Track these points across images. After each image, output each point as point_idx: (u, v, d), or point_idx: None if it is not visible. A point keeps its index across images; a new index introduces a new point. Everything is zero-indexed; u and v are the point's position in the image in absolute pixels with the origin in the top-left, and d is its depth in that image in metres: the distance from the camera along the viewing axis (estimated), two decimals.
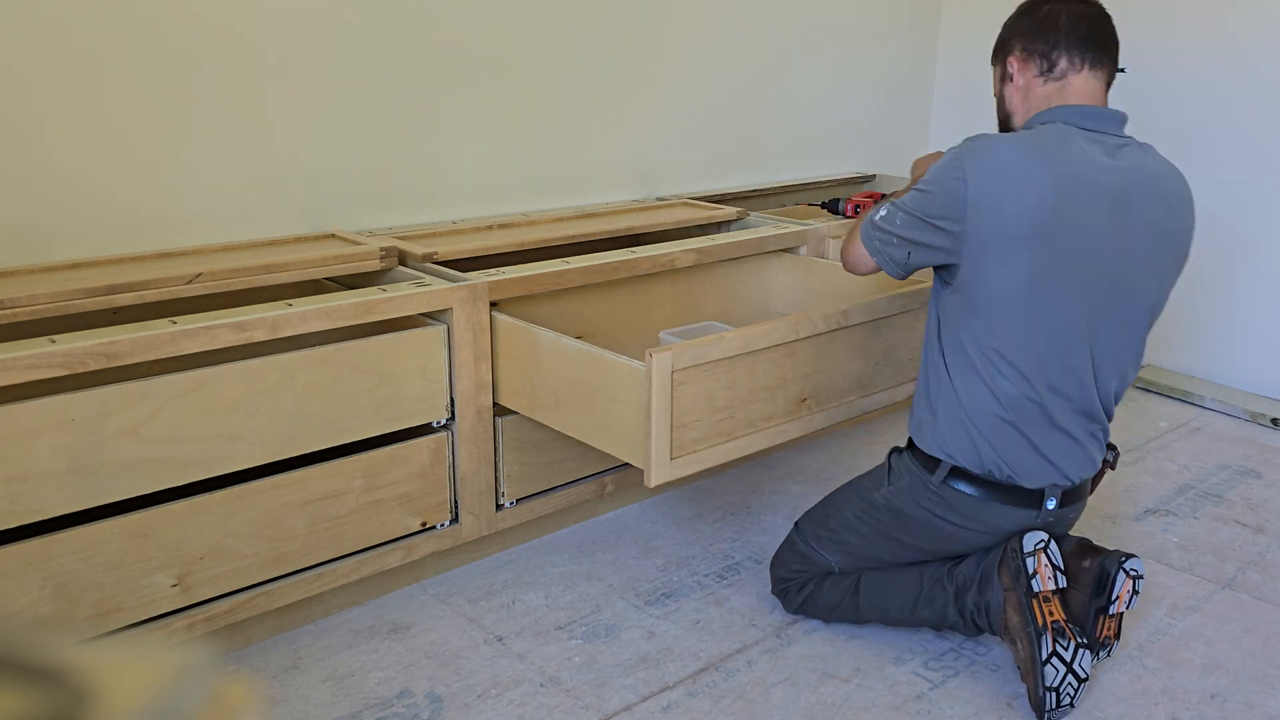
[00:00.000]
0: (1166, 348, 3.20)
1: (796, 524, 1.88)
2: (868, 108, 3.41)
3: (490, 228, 2.34)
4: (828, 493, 1.90)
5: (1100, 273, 1.56)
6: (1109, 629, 1.66)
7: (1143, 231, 1.58)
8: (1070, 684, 1.56)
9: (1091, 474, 1.71)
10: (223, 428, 1.59)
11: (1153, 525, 2.25)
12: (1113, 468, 1.79)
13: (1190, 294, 3.13)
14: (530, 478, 2.03)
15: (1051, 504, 1.65)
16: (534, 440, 2.01)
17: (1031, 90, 1.67)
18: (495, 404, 1.93)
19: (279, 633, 1.80)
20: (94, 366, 1.46)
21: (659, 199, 2.79)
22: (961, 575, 1.70)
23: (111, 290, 1.69)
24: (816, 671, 1.72)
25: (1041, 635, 1.56)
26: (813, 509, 1.88)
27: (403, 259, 2.04)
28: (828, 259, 2.46)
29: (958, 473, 1.66)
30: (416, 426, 1.84)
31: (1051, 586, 1.60)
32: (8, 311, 1.59)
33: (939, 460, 1.67)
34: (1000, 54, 1.72)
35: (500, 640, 1.80)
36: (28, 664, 0.36)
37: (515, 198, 2.54)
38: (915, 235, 1.60)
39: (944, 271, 1.64)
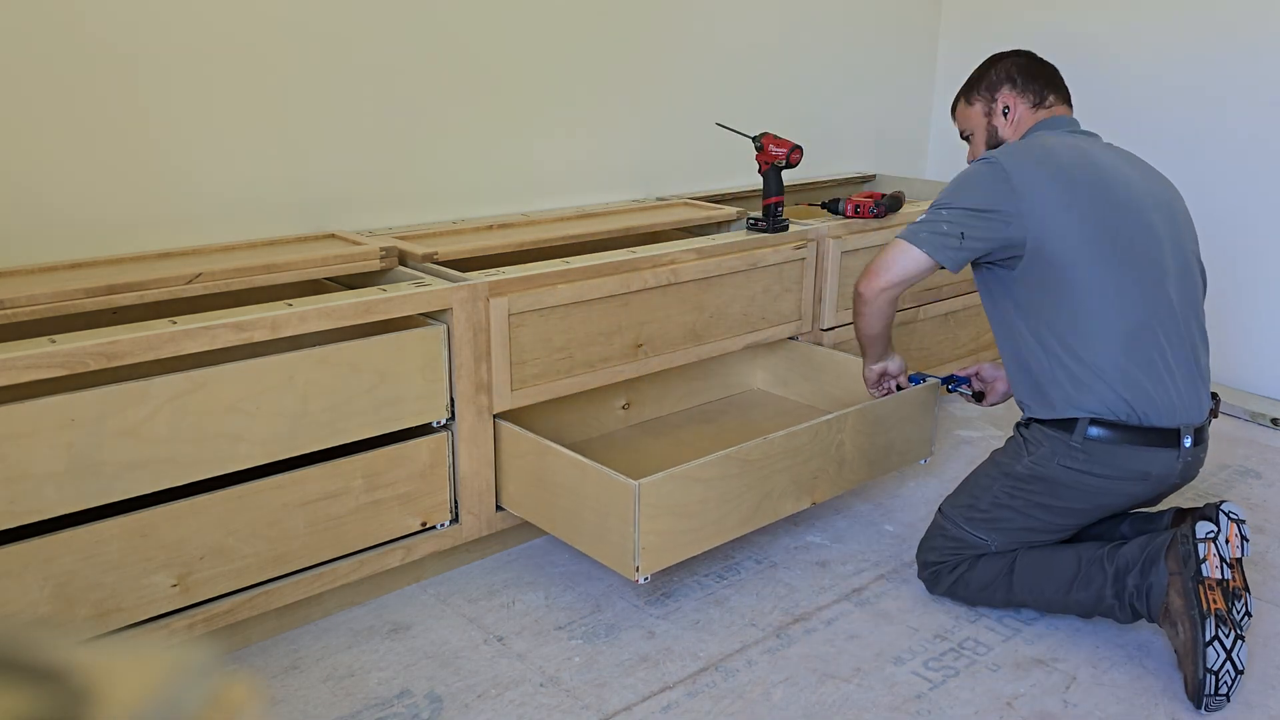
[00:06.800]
0: None
1: (941, 510, 1.93)
2: (868, 108, 3.41)
3: (490, 228, 2.34)
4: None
5: (1130, 211, 1.77)
6: (1235, 579, 1.70)
7: (1149, 187, 1.85)
8: (1229, 672, 1.59)
9: (1207, 415, 1.81)
10: (223, 428, 1.59)
11: None
12: (1216, 415, 1.88)
13: None
14: None
15: (1188, 442, 1.75)
16: None
17: (1024, 120, 1.99)
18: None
19: (279, 633, 1.80)
20: (94, 366, 1.46)
21: (659, 199, 2.79)
22: (1124, 557, 1.71)
23: (111, 290, 1.69)
24: (816, 671, 1.72)
25: (1206, 619, 1.59)
26: (957, 493, 1.92)
27: (403, 259, 2.04)
28: (829, 257, 2.47)
29: (1095, 424, 1.74)
30: (416, 426, 1.84)
31: (1218, 576, 1.63)
32: (8, 311, 1.59)
33: (1074, 420, 1.75)
34: (989, 92, 2.02)
35: (500, 640, 1.80)
36: (28, 664, 0.36)
37: (515, 198, 2.54)
38: (965, 226, 1.78)
39: (1000, 269, 1.82)
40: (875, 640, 1.80)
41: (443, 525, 1.92)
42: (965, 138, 2.09)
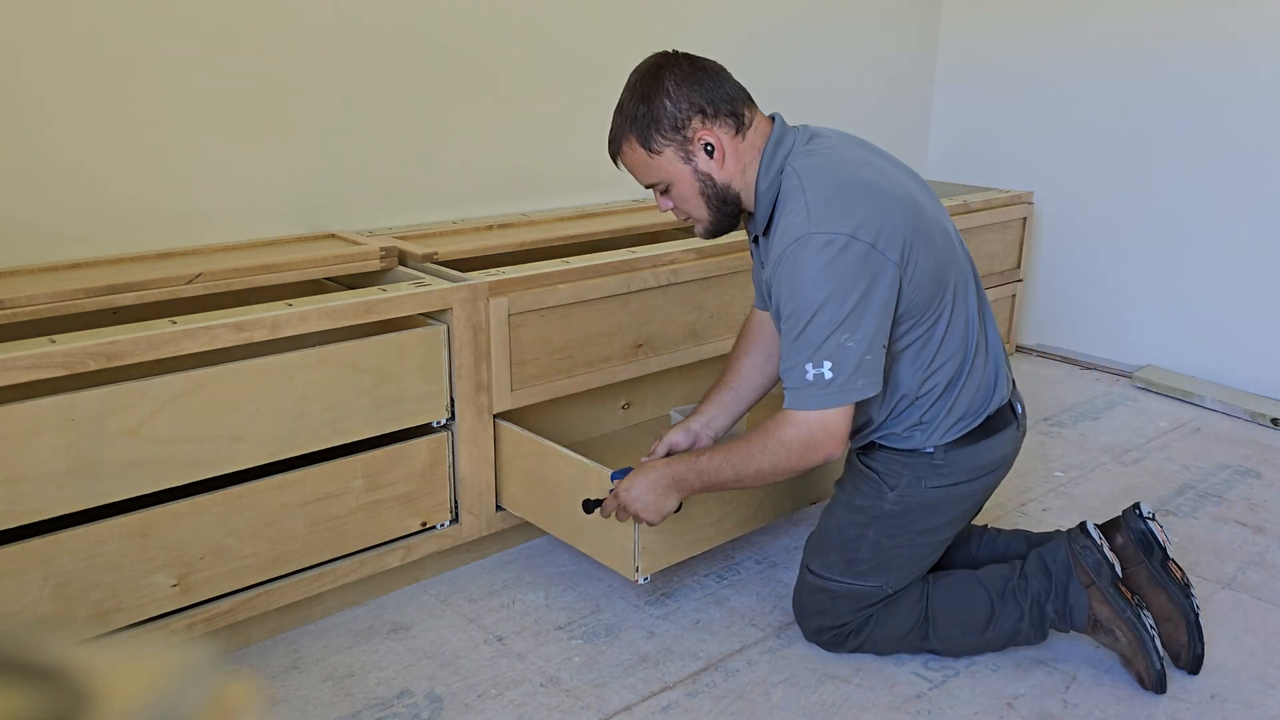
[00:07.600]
0: (1166, 348, 3.20)
1: (812, 570, 1.75)
2: (867, 108, 3.41)
3: (490, 228, 2.34)
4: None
5: (928, 219, 1.60)
6: (1177, 571, 1.73)
7: (916, 185, 1.67)
8: (1160, 642, 1.66)
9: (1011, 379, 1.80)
10: (223, 428, 1.59)
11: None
12: None
13: (1190, 294, 3.13)
14: None
15: (1019, 407, 1.77)
16: None
17: (736, 151, 1.59)
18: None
19: (279, 633, 1.80)
20: (94, 366, 1.46)
21: None
22: (1034, 588, 1.70)
23: (111, 290, 1.69)
24: (816, 671, 1.72)
25: (1140, 614, 1.63)
26: (823, 551, 1.74)
27: (403, 259, 2.05)
28: None
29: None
30: (416, 426, 1.84)
31: (1119, 569, 1.68)
32: (8, 311, 1.59)
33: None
34: (676, 133, 1.58)
35: (500, 640, 1.80)
36: (28, 664, 0.36)
37: (515, 198, 2.54)
38: (879, 333, 1.51)
39: None
40: None
41: (443, 525, 1.92)
42: (654, 188, 1.68)
